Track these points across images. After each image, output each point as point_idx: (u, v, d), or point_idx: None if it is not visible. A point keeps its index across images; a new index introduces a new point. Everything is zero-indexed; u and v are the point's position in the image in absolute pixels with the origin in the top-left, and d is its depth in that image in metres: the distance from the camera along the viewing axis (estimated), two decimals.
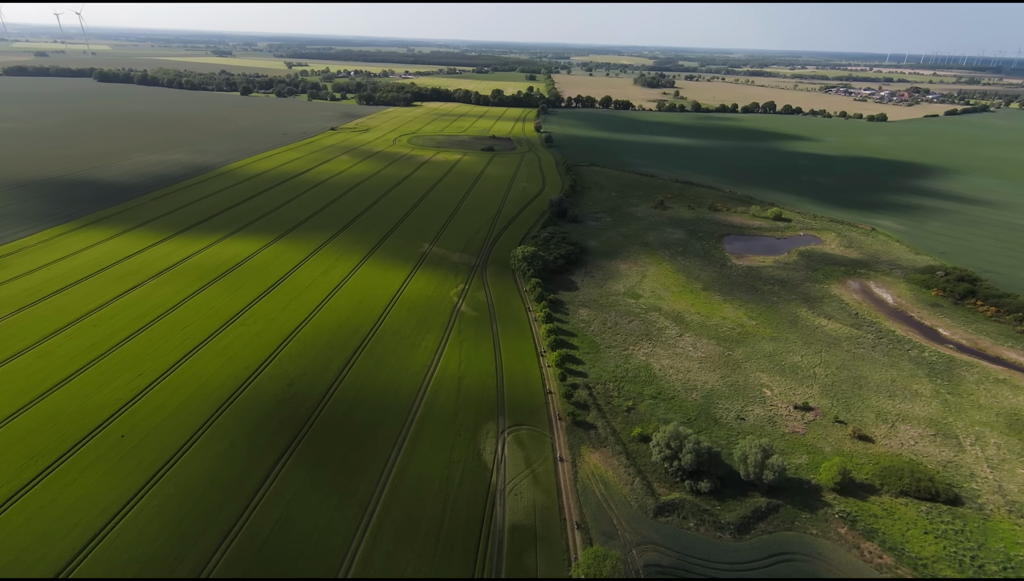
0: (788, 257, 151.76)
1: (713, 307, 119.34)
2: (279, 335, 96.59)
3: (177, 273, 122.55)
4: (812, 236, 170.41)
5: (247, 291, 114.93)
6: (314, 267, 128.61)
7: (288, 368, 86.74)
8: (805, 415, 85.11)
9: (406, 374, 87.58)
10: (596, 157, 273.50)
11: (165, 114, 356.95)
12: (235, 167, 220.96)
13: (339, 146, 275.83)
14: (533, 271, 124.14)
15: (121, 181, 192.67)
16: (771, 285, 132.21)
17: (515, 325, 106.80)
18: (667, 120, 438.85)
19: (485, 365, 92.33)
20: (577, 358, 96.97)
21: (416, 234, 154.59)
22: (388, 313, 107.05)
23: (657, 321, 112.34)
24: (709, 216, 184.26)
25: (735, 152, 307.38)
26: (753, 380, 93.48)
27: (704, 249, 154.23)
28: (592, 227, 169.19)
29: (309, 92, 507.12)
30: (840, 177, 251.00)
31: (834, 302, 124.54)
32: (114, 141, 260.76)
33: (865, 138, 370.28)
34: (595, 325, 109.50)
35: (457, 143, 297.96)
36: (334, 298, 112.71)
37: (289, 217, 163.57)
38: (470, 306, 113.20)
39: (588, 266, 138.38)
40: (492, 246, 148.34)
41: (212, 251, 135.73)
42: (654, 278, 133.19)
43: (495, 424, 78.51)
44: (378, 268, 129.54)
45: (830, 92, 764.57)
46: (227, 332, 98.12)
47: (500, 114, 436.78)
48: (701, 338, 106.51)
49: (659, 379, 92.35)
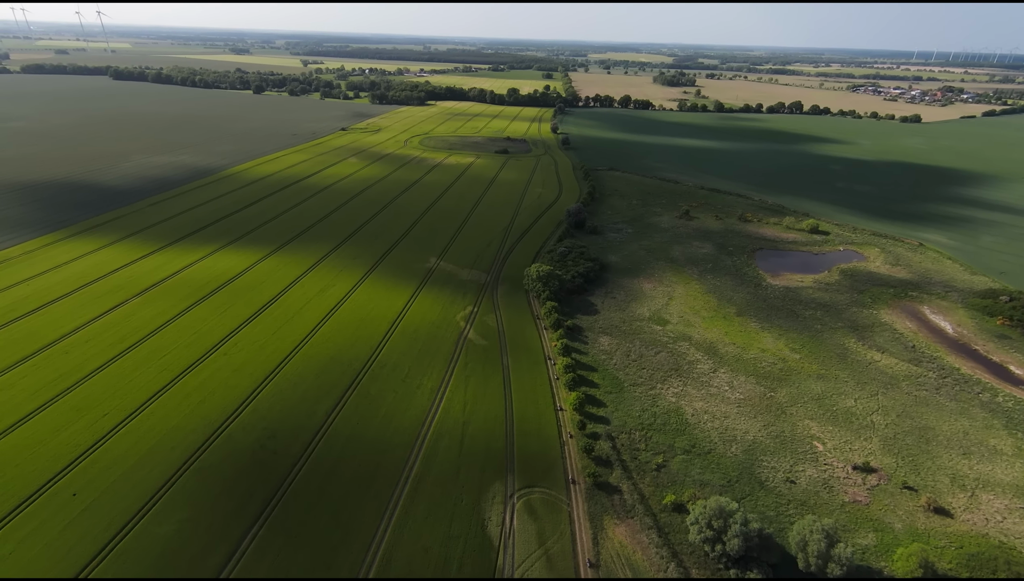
0: (829, 276, 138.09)
1: (750, 336, 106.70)
2: (263, 369, 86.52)
3: (164, 290, 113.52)
4: (853, 252, 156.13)
5: (236, 312, 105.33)
6: (311, 284, 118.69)
7: (268, 414, 76.43)
8: (867, 478, 72.51)
9: (403, 420, 76.83)
10: (615, 160, 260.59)
11: (175, 113, 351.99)
12: (239, 170, 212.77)
13: (348, 148, 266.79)
14: (549, 293, 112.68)
15: (120, 185, 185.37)
16: (813, 310, 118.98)
17: (528, 356, 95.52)
18: (689, 121, 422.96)
19: (493, 407, 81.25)
20: (598, 399, 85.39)
21: (423, 247, 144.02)
22: (387, 342, 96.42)
23: (687, 353, 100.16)
24: (739, 228, 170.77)
25: (763, 156, 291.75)
26: (801, 430, 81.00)
27: (735, 266, 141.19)
28: (613, 240, 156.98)
29: (322, 91, 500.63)
30: (878, 184, 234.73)
31: (886, 331, 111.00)
32: (119, 142, 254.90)
33: (900, 141, 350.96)
34: (618, 357, 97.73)
35: (470, 145, 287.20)
36: (329, 322, 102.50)
37: (289, 226, 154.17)
38: (478, 333, 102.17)
39: (609, 285, 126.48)
40: (504, 261, 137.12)
41: (205, 265, 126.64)
42: (682, 300, 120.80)
43: (503, 485, 67.44)
44: (380, 287, 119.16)
45: (858, 91, 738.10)
46: (208, 363, 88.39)
47: (515, 114, 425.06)
48: (738, 375, 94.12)
49: (692, 427, 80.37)
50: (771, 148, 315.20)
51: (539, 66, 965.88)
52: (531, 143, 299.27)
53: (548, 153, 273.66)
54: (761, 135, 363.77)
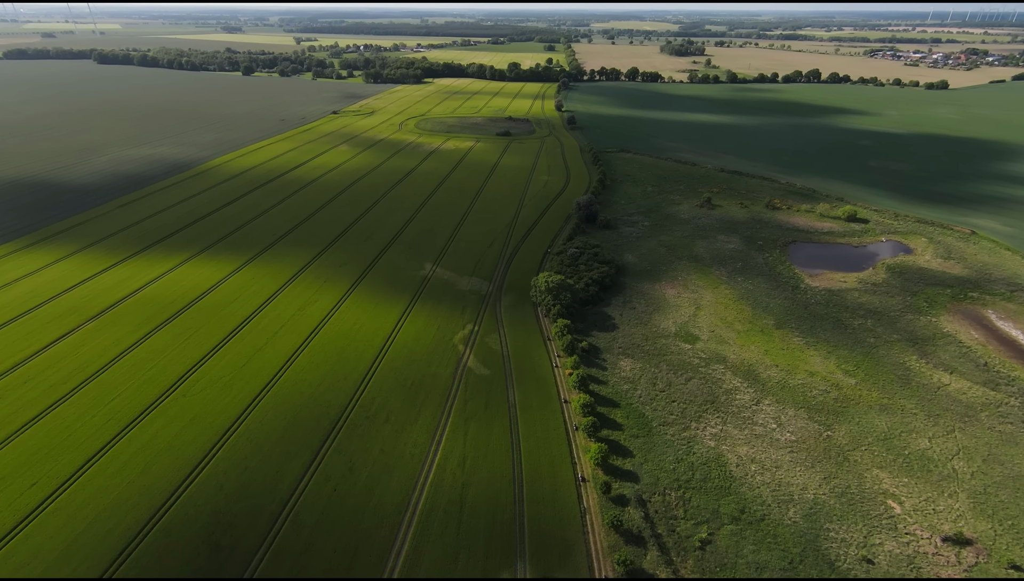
0: (874, 274, 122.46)
1: (794, 355, 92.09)
2: (223, 418, 73.13)
3: (123, 312, 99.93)
4: (898, 243, 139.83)
5: (201, 340, 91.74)
6: (290, 301, 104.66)
7: (221, 488, 63.00)
8: (961, 553, 58.79)
9: (388, 487, 63.48)
10: (626, 140, 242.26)
11: (157, 100, 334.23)
12: (220, 163, 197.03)
13: (339, 133, 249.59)
14: (560, 306, 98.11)
15: (89, 184, 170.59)
16: (862, 318, 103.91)
17: (538, 390, 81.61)
18: (701, 93, 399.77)
19: (498, 461, 67.76)
20: (623, 446, 71.69)
21: (417, 249, 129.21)
22: (372, 376, 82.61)
23: (723, 379, 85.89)
24: (767, 216, 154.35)
25: (784, 132, 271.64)
26: (870, 483, 67.10)
27: (767, 264, 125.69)
28: (628, 235, 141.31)
29: (314, 70, 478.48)
30: (913, 161, 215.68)
31: (950, 345, 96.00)
32: (94, 133, 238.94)
33: (930, 110, 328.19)
34: (642, 386, 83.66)
35: (470, 126, 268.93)
36: (307, 350, 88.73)
37: (270, 228, 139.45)
38: (480, 360, 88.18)
39: (627, 292, 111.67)
40: (508, 265, 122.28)
41: (172, 279, 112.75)
42: (711, 309, 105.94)
43: (512, 573, 54.31)
44: (367, 302, 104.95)
45: (875, 56, 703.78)
46: (163, 408, 75.14)
47: (517, 91, 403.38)
48: (786, 407, 79.94)
49: (738, 483, 66.65)
50: (792, 122, 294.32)
51: (540, 38, 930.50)
52: (534, 123, 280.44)
53: (553, 134, 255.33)
54: (780, 108, 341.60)
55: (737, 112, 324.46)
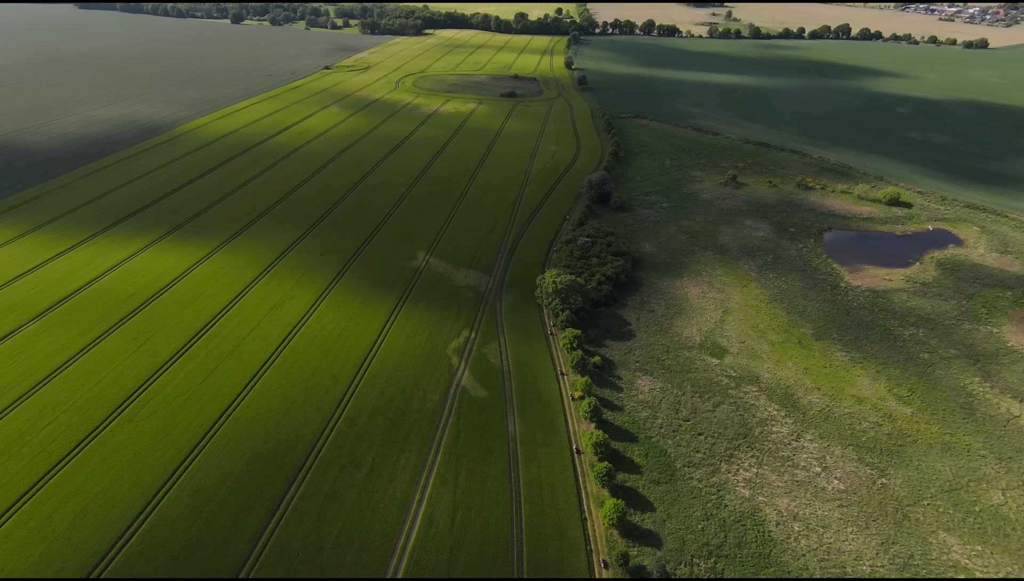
0: (923, 270, 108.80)
1: (838, 375, 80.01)
2: (171, 455, 62.18)
3: (74, 308, 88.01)
4: (945, 232, 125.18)
5: (159, 345, 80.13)
6: (263, 296, 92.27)
7: (170, 539, 52.70)
8: None
9: (360, 555, 52.92)
10: (641, 104, 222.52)
11: (136, 50, 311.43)
12: (197, 125, 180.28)
13: (330, 92, 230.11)
14: (569, 312, 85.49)
15: (53, 148, 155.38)
16: (913, 326, 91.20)
17: (543, 418, 70.23)
18: (722, 50, 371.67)
19: (494, 520, 57.04)
20: (642, 496, 60.77)
21: (409, 234, 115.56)
22: (350, 400, 71.14)
23: (757, 405, 74.25)
24: (799, 198, 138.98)
25: (813, 95, 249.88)
26: (937, 551, 56.32)
27: (802, 256, 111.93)
28: (644, 219, 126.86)
29: (308, 19, 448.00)
30: (957, 133, 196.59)
31: (1018, 363, 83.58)
32: (65, 88, 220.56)
33: (970, 73, 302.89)
34: (664, 413, 72.18)
35: (472, 85, 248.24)
36: (277, 363, 77.05)
37: (246, 206, 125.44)
38: (476, 376, 76.49)
39: (644, 290, 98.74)
40: (511, 254, 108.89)
41: (134, 266, 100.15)
42: (741, 314, 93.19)
43: None
44: (351, 300, 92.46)
45: (907, 10, 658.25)
46: (103, 437, 64.28)
47: (524, 45, 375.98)
48: (831, 444, 68.55)
49: (779, 548, 55.96)
50: (821, 85, 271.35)
51: None
52: (542, 82, 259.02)
53: (562, 96, 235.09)
54: (807, 67, 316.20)
55: (761, 72, 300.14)
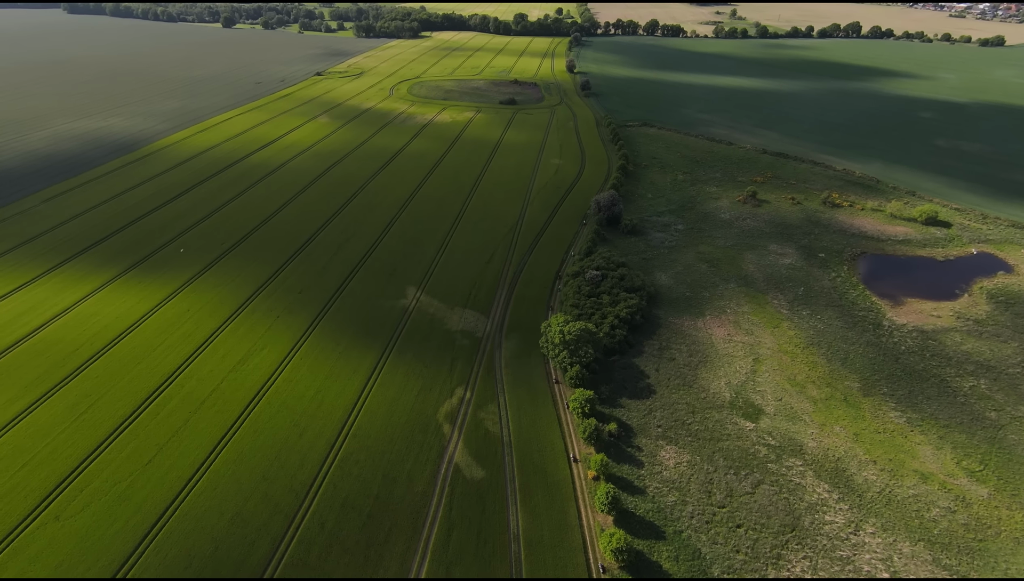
0: (972, 303, 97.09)
1: (896, 444, 68.36)
2: (105, 561, 50.84)
3: (14, 363, 76.98)
4: (991, 256, 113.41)
5: (104, 412, 69.00)
6: (228, 347, 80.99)
7: None
8: None
9: None
10: (648, 111, 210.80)
11: (122, 57, 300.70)
12: (175, 140, 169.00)
13: (320, 101, 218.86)
14: (579, 367, 73.96)
15: (18, 168, 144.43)
16: (972, 376, 79.56)
17: (551, 508, 58.77)
18: (729, 51, 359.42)
19: None
20: None
21: (398, 267, 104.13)
22: (318, 494, 59.67)
23: (803, 484, 62.69)
24: (825, 216, 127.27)
25: (830, 100, 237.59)
26: None
27: (836, 288, 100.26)
28: (659, 244, 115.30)
29: (302, 22, 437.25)
30: (988, 140, 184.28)
31: None
32: (41, 99, 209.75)
33: (991, 73, 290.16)
34: (694, 498, 60.68)
35: (470, 92, 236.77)
36: (237, 437, 65.73)
37: (219, 234, 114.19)
38: (471, 450, 65.06)
39: (661, 333, 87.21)
40: (512, 290, 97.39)
41: (87, 310, 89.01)
42: (774, 362, 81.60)
43: None
44: (329, 350, 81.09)
45: (916, 6, 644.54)
46: (20, 544, 53.04)
47: (524, 47, 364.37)
48: (898, 539, 56.96)
49: None
50: (837, 88, 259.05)
51: None
52: (543, 87, 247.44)
53: (564, 102, 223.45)
54: (819, 68, 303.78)
55: (772, 74, 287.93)
